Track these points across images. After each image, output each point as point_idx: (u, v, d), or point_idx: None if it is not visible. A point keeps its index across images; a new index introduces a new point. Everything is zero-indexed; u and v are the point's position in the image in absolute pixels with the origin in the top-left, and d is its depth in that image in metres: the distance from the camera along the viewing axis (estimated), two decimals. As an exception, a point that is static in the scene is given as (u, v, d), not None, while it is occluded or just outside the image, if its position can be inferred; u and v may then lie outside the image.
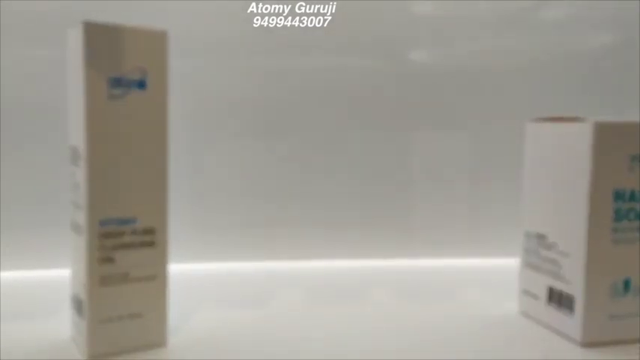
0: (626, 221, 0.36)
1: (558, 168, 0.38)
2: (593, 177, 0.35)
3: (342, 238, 0.56)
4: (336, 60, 0.55)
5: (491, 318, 0.41)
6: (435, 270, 0.54)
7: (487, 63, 0.57)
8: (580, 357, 0.35)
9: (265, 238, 0.55)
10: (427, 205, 0.57)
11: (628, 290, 0.36)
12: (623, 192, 0.35)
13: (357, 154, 0.56)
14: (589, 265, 0.35)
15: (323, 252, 0.56)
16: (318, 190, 0.55)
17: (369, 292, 0.47)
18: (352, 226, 0.56)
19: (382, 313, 0.42)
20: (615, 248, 0.36)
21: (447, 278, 0.52)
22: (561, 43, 0.57)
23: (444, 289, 0.48)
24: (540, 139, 0.40)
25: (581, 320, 0.36)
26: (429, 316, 0.41)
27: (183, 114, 0.52)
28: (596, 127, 0.35)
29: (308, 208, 0.55)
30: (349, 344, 0.36)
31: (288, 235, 0.55)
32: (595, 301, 0.36)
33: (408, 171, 0.57)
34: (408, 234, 0.57)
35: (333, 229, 0.56)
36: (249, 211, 0.54)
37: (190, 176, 0.53)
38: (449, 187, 0.57)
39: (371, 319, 0.40)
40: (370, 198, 0.56)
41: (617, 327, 0.36)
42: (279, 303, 0.44)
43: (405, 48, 0.55)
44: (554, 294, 0.38)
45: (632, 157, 0.35)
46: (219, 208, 0.54)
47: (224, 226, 0.54)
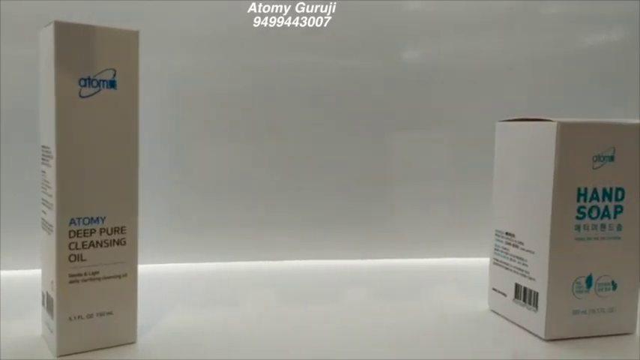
0: (589, 219, 0.36)
1: (525, 167, 0.39)
2: (556, 176, 0.36)
3: (321, 238, 0.57)
4: (319, 59, 0.55)
5: (461, 316, 0.42)
6: (413, 269, 0.55)
7: (470, 63, 0.57)
8: (543, 352, 0.36)
9: (245, 238, 0.55)
10: (408, 205, 0.58)
11: (590, 286, 0.37)
12: (586, 191, 0.36)
13: (336, 154, 0.56)
14: (552, 263, 0.36)
15: (300, 252, 0.56)
16: (297, 190, 0.56)
17: (344, 291, 0.47)
18: (332, 226, 0.57)
19: (354, 312, 0.42)
20: (578, 246, 0.36)
21: (424, 277, 0.52)
22: (544, 44, 0.58)
23: (420, 288, 0.49)
24: (508, 139, 0.40)
25: (544, 316, 0.37)
26: (401, 314, 0.42)
27: (165, 113, 0.53)
28: (560, 127, 0.36)
29: (285, 208, 0.56)
30: (317, 343, 0.36)
31: (265, 235, 0.56)
32: (558, 298, 0.37)
33: (389, 171, 0.57)
34: (389, 234, 0.58)
35: (311, 229, 0.56)
36: (226, 211, 0.55)
37: (167, 176, 0.54)
38: (430, 187, 0.58)
39: (342, 318, 0.41)
40: (350, 198, 0.57)
41: (580, 323, 0.37)
42: (252, 302, 0.44)
43: (389, 48, 0.56)
44: (520, 291, 0.39)
45: (596, 156, 0.36)
46: (195, 208, 0.54)
47: (200, 226, 0.55)
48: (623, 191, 0.37)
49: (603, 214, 0.37)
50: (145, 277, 0.36)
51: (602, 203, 0.37)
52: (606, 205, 0.37)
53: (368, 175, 0.57)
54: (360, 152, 0.56)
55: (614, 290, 0.37)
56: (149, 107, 0.51)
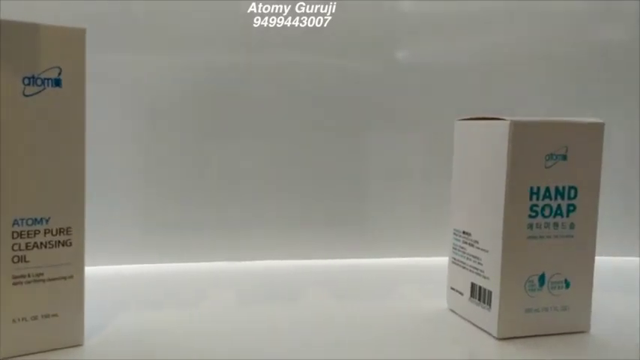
0: (542, 218, 0.37)
1: (479, 166, 0.38)
2: (509, 175, 0.36)
3: (289, 238, 0.56)
4: (290, 58, 0.55)
5: (419, 315, 0.41)
6: (382, 269, 0.55)
7: (445, 62, 0.57)
8: (495, 351, 0.36)
9: (211, 239, 0.55)
10: (379, 204, 0.58)
11: (543, 285, 0.37)
12: (538, 189, 0.36)
13: (307, 154, 0.56)
14: (505, 261, 0.36)
15: (267, 252, 0.56)
16: (265, 191, 0.56)
17: (305, 291, 0.47)
18: (301, 227, 0.57)
19: (312, 313, 0.42)
20: (531, 244, 0.36)
21: (391, 277, 0.52)
22: (518, 44, 0.58)
23: (384, 287, 0.48)
24: (465, 137, 0.40)
25: (497, 315, 0.37)
26: (360, 314, 0.42)
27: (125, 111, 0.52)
28: (513, 126, 0.36)
29: (253, 208, 0.55)
30: (269, 344, 0.36)
31: (232, 236, 0.55)
32: (511, 296, 0.37)
33: (360, 171, 0.57)
34: (360, 234, 0.58)
35: (278, 229, 0.56)
36: (185, 212, 0.54)
37: (121, 176, 0.53)
38: (402, 186, 0.58)
39: (298, 319, 0.41)
40: (320, 198, 0.57)
41: (533, 321, 0.37)
42: (209, 303, 0.44)
43: (363, 48, 0.56)
44: (475, 290, 0.39)
45: (548, 155, 0.36)
46: (161, 209, 0.54)
47: (168, 227, 0.54)
48: (575, 190, 0.37)
49: (556, 212, 0.37)
50: (107, 278, 0.35)
51: (554, 202, 0.37)
52: (559, 203, 0.37)
53: (339, 175, 0.57)
54: (325, 152, 0.56)
55: (567, 288, 0.38)
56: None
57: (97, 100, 0.51)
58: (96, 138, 0.51)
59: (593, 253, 0.38)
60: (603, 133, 0.37)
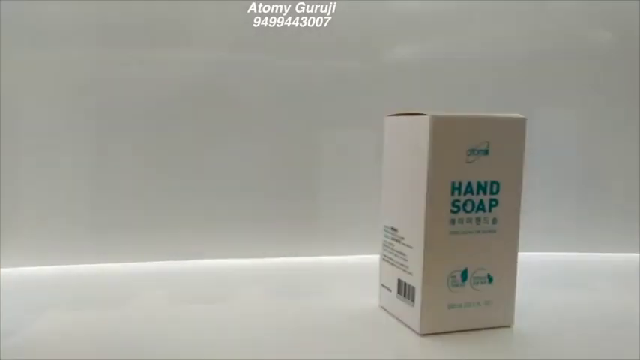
0: (464, 213, 0.37)
1: (404, 162, 0.38)
2: (430, 170, 0.36)
3: (232, 236, 0.56)
4: (234, 56, 0.54)
5: (349, 313, 0.41)
6: (326, 266, 0.55)
7: (401, 61, 0.57)
8: (417, 347, 0.36)
9: (152, 238, 0.54)
10: (332, 203, 0.57)
11: (466, 280, 0.37)
12: (460, 184, 0.36)
13: (257, 153, 0.55)
14: (426, 257, 0.36)
15: (208, 251, 0.55)
16: (204, 188, 0.55)
17: (241, 290, 0.46)
18: (245, 224, 0.56)
19: (242, 311, 0.41)
20: (453, 239, 0.36)
21: (334, 274, 0.52)
22: (473, 44, 0.58)
23: (324, 285, 0.48)
24: (393, 133, 0.40)
25: (419, 310, 0.36)
26: (292, 312, 0.41)
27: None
28: (433, 121, 0.35)
29: (199, 206, 0.55)
30: (191, 343, 0.36)
31: (173, 235, 0.54)
32: (433, 292, 0.36)
33: (314, 169, 0.57)
34: (312, 231, 0.57)
35: (219, 227, 0.56)
36: (119, 211, 0.53)
37: (44, 177, 0.52)
38: (354, 185, 0.58)
39: (228, 317, 0.40)
40: (265, 196, 0.56)
41: (456, 316, 0.37)
42: (140, 304, 0.43)
43: (308, 45, 0.55)
44: (402, 286, 0.39)
45: (469, 150, 0.36)
46: (101, 208, 0.53)
47: (107, 227, 0.53)
48: (498, 185, 0.37)
49: (478, 207, 0.37)
50: (26, 280, 0.34)
51: (476, 197, 0.37)
52: (481, 198, 0.37)
53: (290, 173, 0.56)
54: (276, 152, 0.56)
55: (490, 283, 0.38)
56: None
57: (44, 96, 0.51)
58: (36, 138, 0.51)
59: (516, 248, 0.38)
60: (525, 129, 0.37)
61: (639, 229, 0.61)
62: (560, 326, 0.39)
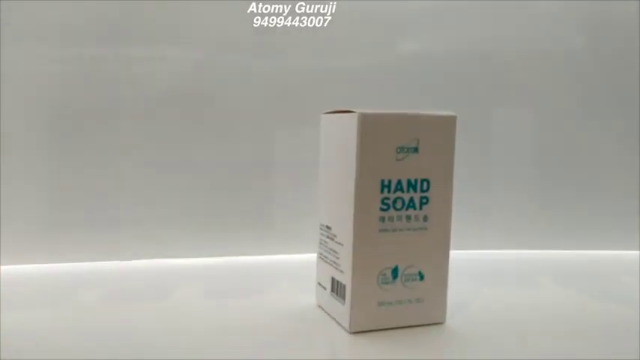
0: (394, 210, 0.36)
1: (336, 160, 0.38)
2: (359, 167, 0.36)
3: (172, 236, 0.55)
4: (175, 53, 0.53)
5: (285, 312, 0.41)
6: (275, 265, 0.54)
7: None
8: (346, 345, 0.35)
9: (88, 238, 0.53)
10: (283, 202, 0.57)
11: (396, 278, 0.37)
12: (389, 182, 0.36)
13: (207, 153, 0.55)
14: (356, 254, 0.36)
15: (149, 251, 0.55)
16: (148, 187, 0.54)
17: (178, 290, 0.46)
18: (194, 224, 0.56)
19: (181, 311, 0.41)
20: (383, 237, 0.36)
21: (279, 273, 0.52)
22: (423, 45, 0.59)
23: (267, 284, 0.48)
24: (327, 131, 0.40)
25: (349, 308, 0.36)
26: (228, 311, 0.41)
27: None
28: (361, 118, 0.35)
29: (143, 205, 0.54)
30: (126, 344, 0.35)
31: (113, 235, 0.54)
32: (363, 290, 0.36)
33: (265, 167, 0.56)
34: (259, 230, 0.57)
35: (158, 227, 0.55)
36: (62, 210, 0.52)
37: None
38: (307, 183, 0.57)
39: (161, 318, 0.40)
40: (217, 195, 0.56)
41: (387, 314, 0.37)
42: (75, 304, 0.42)
43: (259, 43, 0.55)
44: (334, 284, 0.39)
45: (399, 147, 0.36)
46: (42, 207, 0.52)
47: (47, 226, 0.52)
48: (428, 182, 0.37)
49: (408, 205, 0.37)
50: None
51: (407, 194, 0.37)
52: (411, 196, 0.37)
53: (241, 173, 0.56)
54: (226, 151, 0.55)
55: (422, 281, 0.38)
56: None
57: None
58: None
59: (448, 246, 0.38)
60: (455, 126, 0.37)
61: (584, 227, 0.62)
62: (493, 324, 0.39)
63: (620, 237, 0.62)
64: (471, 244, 0.60)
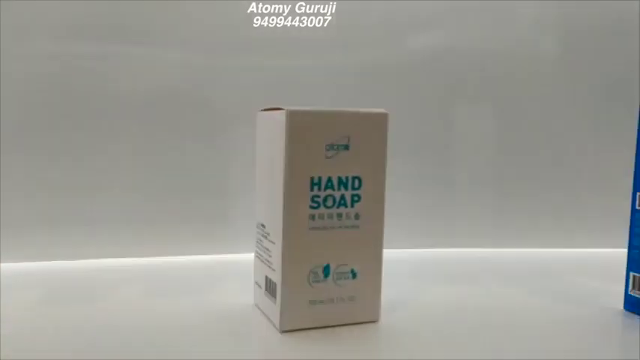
0: (324, 208, 0.36)
1: (269, 157, 0.38)
2: (287, 165, 0.35)
3: (117, 236, 0.55)
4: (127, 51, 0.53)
5: (222, 311, 0.40)
6: (220, 265, 0.54)
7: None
8: (276, 345, 0.35)
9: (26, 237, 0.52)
10: (229, 202, 0.57)
11: (328, 276, 0.37)
12: (319, 180, 0.36)
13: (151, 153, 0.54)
14: (286, 252, 0.36)
15: (94, 251, 0.54)
16: (93, 187, 0.53)
17: (121, 290, 0.45)
18: (146, 224, 0.55)
19: (117, 311, 0.40)
20: (313, 235, 0.36)
21: (226, 272, 0.51)
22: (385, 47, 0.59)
23: (211, 283, 0.47)
24: (261, 128, 0.40)
25: (280, 307, 0.36)
26: (165, 311, 0.40)
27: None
28: (289, 115, 0.35)
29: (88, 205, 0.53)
30: (52, 345, 0.34)
31: (59, 234, 0.53)
32: (293, 288, 0.36)
33: (218, 167, 0.56)
34: (208, 230, 0.57)
35: (108, 226, 0.54)
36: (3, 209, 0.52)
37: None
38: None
39: (99, 318, 0.39)
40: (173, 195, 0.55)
41: (318, 313, 0.37)
42: (11, 304, 0.41)
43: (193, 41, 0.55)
44: (268, 283, 0.38)
45: (329, 145, 0.36)
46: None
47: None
48: (359, 180, 0.37)
49: (339, 203, 0.37)
50: None
51: (337, 192, 0.36)
52: (342, 194, 0.37)
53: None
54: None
55: (354, 279, 0.37)
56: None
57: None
58: None
59: (381, 243, 0.38)
60: (387, 123, 0.37)
61: (535, 226, 0.63)
62: (428, 322, 0.39)
63: (568, 235, 0.62)
64: (422, 243, 0.60)
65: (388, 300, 0.41)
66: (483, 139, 0.62)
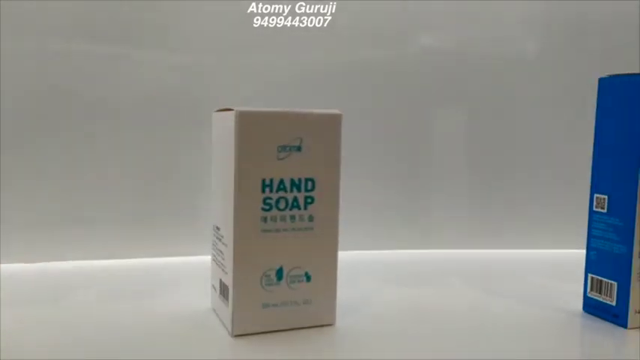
0: (277, 211, 0.36)
1: (221, 159, 0.37)
2: (238, 167, 0.35)
3: (74, 237, 0.54)
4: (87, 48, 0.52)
5: (178, 314, 0.40)
6: (182, 267, 0.53)
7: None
8: (226, 350, 0.34)
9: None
10: (191, 203, 0.56)
11: (281, 279, 0.36)
12: (271, 181, 0.36)
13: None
14: (237, 255, 0.35)
15: (56, 253, 0.53)
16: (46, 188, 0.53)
17: (74, 293, 0.44)
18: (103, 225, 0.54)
19: (69, 314, 0.40)
20: (266, 238, 0.36)
21: (185, 275, 0.50)
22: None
23: (169, 287, 0.47)
24: (216, 129, 0.39)
25: (231, 311, 0.36)
26: (119, 315, 0.40)
27: None
28: (239, 116, 0.35)
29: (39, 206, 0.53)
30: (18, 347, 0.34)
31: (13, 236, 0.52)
32: (245, 291, 0.36)
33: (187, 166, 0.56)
34: (170, 232, 0.56)
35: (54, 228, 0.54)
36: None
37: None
38: None
39: (50, 321, 0.38)
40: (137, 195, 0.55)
41: (272, 316, 0.36)
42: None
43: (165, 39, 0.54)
44: (222, 286, 0.38)
45: (281, 146, 0.35)
46: None
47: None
48: (313, 182, 0.36)
49: (292, 205, 0.36)
50: None
51: (290, 194, 0.36)
52: (295, 195, 0.36)
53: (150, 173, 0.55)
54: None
55: (309, 282, 0.37)
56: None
57: None
58: None
59: (336, 246, 0.37)
60: (341, 124, 0.37)
61: (505, 227, 0.62)
62: (386, 325, 0.39)
63: (537, 237, 0.62)
64: (379, 245, 0.60)
65: (344, 303, 0.40)
66: (450, 140, 0.61)
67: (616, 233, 0.39)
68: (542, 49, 0.61)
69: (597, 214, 0.40)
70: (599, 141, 0.40)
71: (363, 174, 0.59)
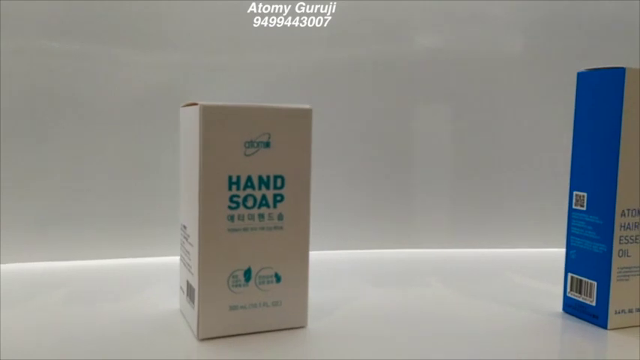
0: (244, 209, 0.34)
1: (187, 155, 0.36)
2: (202, 163, 0.33)
3: (47, 238, 0.52)
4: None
5: (145, 317, 0.38)
6: (155, 268, 0.52)
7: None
8: (195, 353, 0.33)
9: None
10: (164, 203, 0.55)
11: (250, 280, 0.35)
12: (238, 179, 0.34)
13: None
14: (203, 256, 0.34)
15: (29, 254, 0.52)
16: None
17: (43, 295, 0.43)
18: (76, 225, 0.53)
19: (34, 317, 0.38)
20: (232, 237, 0.34)
21: (155, 276, 0.49)
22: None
23: (142, 287, 0.45)
24: (183, 125, 0.38)
25: (197, 313, 0.34)
26: (85, 317, 0.38)
27: None
28: (203, 111, 0.33)
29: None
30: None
31: None
32: (212, 293, 0.34)
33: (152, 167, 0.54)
34: (145, 232, 0.55)
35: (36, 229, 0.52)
36: None
37: None
38: None
39: (17, 322, 0.37)
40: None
41: (240, 319, 0.35)
42: None
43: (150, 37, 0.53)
44: (189, 288, 0.36)
45: (248, 142, 0.34)
46: None
47: None
48: (282, 179, 0.35)
49: (261, 203, 0.35)
50: None
51: (258, 192, 0.35)
52: (264, 193, 0.35)
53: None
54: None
55: (279, 283, 0.36)
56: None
57: None
58: None
59: (307, 245, 0.36)
60: (311, 119, 0.36)
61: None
62: (359, 326, 0.38)
63: (518, 236, 0.62)
64: (352, 244, 0.59)
65: (316, 305, 0.39)
66: (430, 139, 0.60)
67: (595, 232, 0.38)
68: (525, 48, 0.60)
69: (576, 211, 0.39)
70: (577, 137, 0.39)
71: (346, 172, 0.58)
